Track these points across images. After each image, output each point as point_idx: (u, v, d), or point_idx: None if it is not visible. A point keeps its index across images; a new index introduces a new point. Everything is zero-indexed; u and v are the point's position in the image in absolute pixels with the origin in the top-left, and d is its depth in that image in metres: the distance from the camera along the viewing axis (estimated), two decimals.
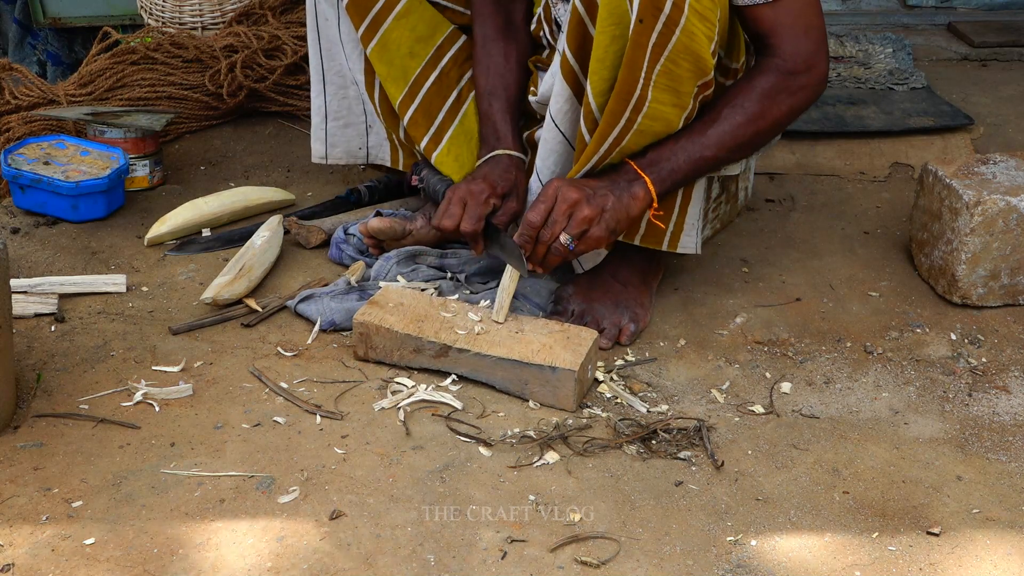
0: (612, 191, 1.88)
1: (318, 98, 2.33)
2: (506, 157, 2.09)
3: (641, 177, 1.90)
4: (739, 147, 1.95)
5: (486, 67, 2.15)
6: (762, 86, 1.91)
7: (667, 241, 2.04)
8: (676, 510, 1.64)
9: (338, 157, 2.39)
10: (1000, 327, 2.13)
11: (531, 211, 1.87)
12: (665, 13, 1.75)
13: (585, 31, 1.86)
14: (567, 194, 1.86)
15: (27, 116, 2.70)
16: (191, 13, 3.19)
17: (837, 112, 2.88)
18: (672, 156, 1.91)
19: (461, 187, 2.03)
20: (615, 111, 1.84)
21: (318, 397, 1.86)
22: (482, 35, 2.17)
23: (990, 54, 3.52)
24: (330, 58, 2.28)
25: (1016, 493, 1.70)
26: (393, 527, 1.59)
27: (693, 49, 1.79)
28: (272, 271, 2.21)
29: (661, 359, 2.00)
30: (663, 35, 1.77)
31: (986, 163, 2.24)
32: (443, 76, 2.20)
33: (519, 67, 2.15)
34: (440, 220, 2.01)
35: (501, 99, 2.13)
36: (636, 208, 1.90)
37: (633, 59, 1.79)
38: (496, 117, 2.12)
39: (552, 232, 1.86)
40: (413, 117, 2.20)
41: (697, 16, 1.77)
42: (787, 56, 1.90)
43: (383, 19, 2.16)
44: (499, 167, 2.07)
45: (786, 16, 1.89)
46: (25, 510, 1.60)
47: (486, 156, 2.10)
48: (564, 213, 1.85)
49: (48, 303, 2.07)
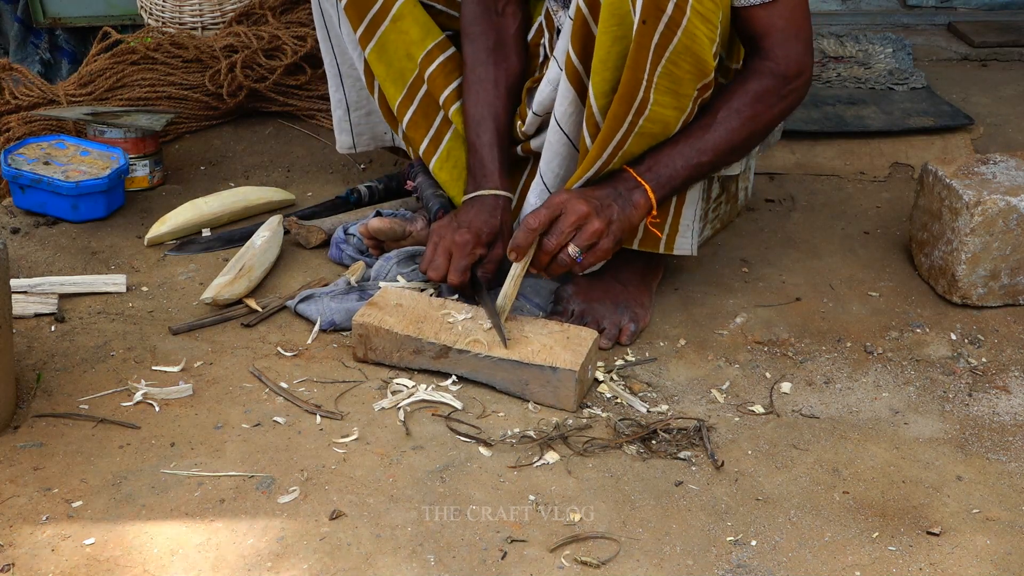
0: (616, 201, 1.88)
1: (337, 92, 2.36)
2: (491, 198, 2.06)
3: (641, 185, 1.90)
4: (733, 151, 1.95)
5: (476, 94, 2.12)
6: (756, 90, 1.91)
7: (663, 243, 2.04)
8: (676, 510, 1.64)
9: (366, 144, 2.42)
10: (1000, 327, 2.13)
11: (532, 214, 1.86)
12: (667, 14, 1.75)
13: (589, 32, 1.85)
14: (576, 207, 1.85)
15: (27, 116, 2.70)
16: (191, 13, 3.19)
17: (837, 112, 2.88)
18: (670, 162, 1.91)
19: (447, 236, 2.02)
20: (618, 114, 1.84)
21: (318, 397, 1.86)
22: (472, 58, 2.14)
23: (990, 54, 3.51)
24: (342, 52, 2.30)
25: (1016, 493, 1.71)
26: (393, 527, 1.59)
27: (694, 50, 1.79)
28: (272, 271, 2.21)
29: (661, 359, 2.00)
30: (665, 36, 1.77)
31: (986, 163, 2.24)
32: (431, 85, 2.19)
33: (508, 94, 2.12)
34: (427, 269, 2.02)
35: (489, 130, 2.10)
36: (637, 217, 1.91)
37: (637, 60, 1.79)
38: (483, 151, 2.09)
39: (557, 243, 1.85)
40: (412, 119, 2.20)
41: (699, 17, 1.77)
42: (779, 59, 1.91)
43: (380, 21, 2.16)
44: (484, 211, 2.05)
45: (780, 19, 1.90)
46: (25, 510, 1.60)
47: (471, 194, 2.08)
48: (572, 225, 1.84)
49: (48, 303, 2.07)
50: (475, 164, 2.10)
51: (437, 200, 2.18)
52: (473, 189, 2.09)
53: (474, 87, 2.12)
